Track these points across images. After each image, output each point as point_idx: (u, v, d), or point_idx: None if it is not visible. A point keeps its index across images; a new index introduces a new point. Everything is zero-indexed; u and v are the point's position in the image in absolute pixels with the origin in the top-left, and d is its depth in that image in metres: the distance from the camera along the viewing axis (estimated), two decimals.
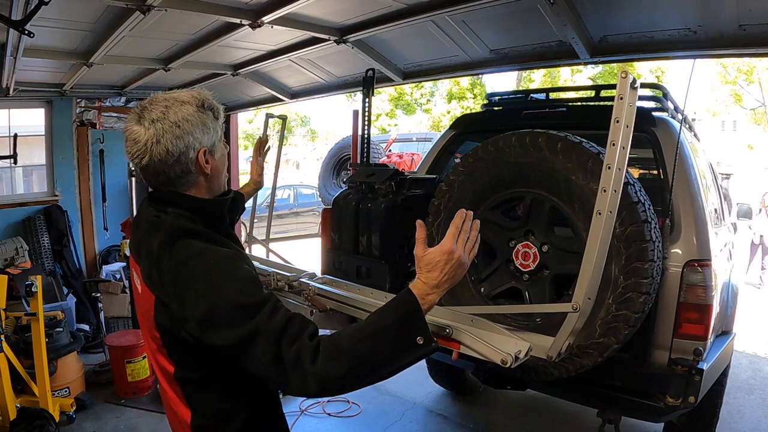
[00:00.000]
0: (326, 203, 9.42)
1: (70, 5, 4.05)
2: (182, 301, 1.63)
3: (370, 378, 1.63)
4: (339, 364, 1.55)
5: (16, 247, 7.24)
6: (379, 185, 3.83)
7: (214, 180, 1.86)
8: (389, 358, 1.61)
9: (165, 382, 1.86)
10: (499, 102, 5.16)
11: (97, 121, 8.64)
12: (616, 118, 2.00)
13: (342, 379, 1.56)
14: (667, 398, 3.18)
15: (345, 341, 1.59)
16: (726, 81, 26.61)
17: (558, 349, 2.24)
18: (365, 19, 4.53)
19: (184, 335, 1.66)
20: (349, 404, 5.79)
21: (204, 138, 1.77)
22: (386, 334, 1.61)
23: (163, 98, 1.76)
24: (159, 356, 1.81)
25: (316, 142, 48.45)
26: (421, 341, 1.61)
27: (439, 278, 1.68)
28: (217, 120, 1.83)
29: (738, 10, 3.46)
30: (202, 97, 1.79)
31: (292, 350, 1.55)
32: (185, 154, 1.74)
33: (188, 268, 1.65)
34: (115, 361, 5.88)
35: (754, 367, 6.89)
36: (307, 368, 1.53)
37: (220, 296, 1.61)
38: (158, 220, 1.77)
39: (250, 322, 1.58)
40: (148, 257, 1.73)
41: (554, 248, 3.12)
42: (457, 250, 1.71)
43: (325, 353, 1.55)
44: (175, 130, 1.72)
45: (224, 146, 1.91)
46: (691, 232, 3.36)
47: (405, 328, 1.62)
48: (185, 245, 1.68)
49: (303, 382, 1.55)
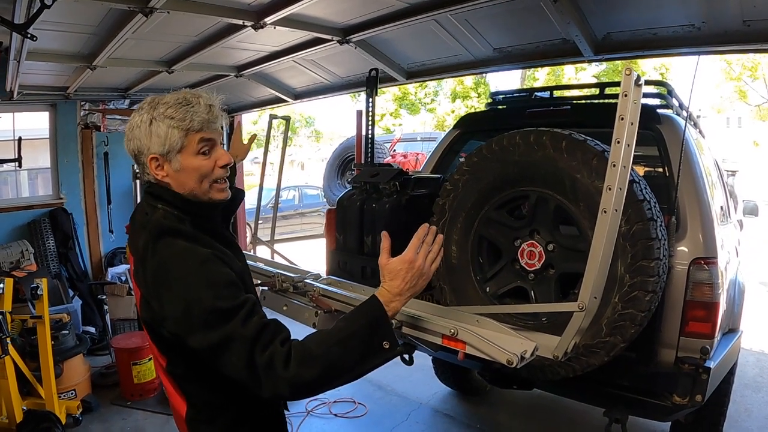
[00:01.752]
0: (331, 204, 9.41)
1: (72, 8, 4.04)
2: (161, 301, 1.70)
3: (340, 381, 1.70)
4: (310, 369, 1.61)
5: (21, 250, 7.27)
6: (384, 185, 3.82)
7: (179, 188, 1.85)
8: (357, 361, 1.69)
9: (162, 374, 1.93)
10: (503, 101, 5.16)
11: (101, 123, 8.65)
12: (620, 116, 1.99)
13: (313, 383, 1.64)
14: (674, 397, 3.17)
15: (315, 347, 1.66)
16: (731, 77, 26.54)
17: (564, 348, 2.23)
18: (368, 19, 4.53)
19: (165, 333, 1.74)
20: (356, 405, 5.80)
21: (153, 145, 1.79)
22: (354, 339, 1.69)
23: (146, 100, 1.86)
24: (153, 349, 1.91)
25: (321, 142, 48.54)
26: (387, 345, 1.70)
27: (401, 287, 1.77)
28: (184, 129, 1.80)
29: (742, 6, 3.44)
30: (172, 102, 1.81)
31: (265, 356, 1.60)
32: (138, 157, 1.84)
33: (168, 268, 1.70)
34: (121, 363, 5.88)
35: (762, 365, 6.86)
36: (279, 373, 1.59)
37: (195, 300, 1.65)
38: (146, 218, 1.83)
39: (224, 327, 1.63)
40: (135, 254, 1.81)
41: (560, 247, 3.10)
42: (417, 260, 1.80)
43: (296, 359, 1.61)
44: (128, 133, 1.85)
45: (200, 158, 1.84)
46: (697, 230, 3.35)
47: (372, 333, 1.70)
48: (167, 244, 1.73)
49: (275, 387, 1.61)
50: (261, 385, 1.62)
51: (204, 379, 1.83)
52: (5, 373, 4.45)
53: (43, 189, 8.75)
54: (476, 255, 3.46)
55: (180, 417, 1.93)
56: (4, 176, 8.58)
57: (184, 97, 1.83)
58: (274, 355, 1.60)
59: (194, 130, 1.80)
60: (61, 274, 7.77)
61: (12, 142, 6.90)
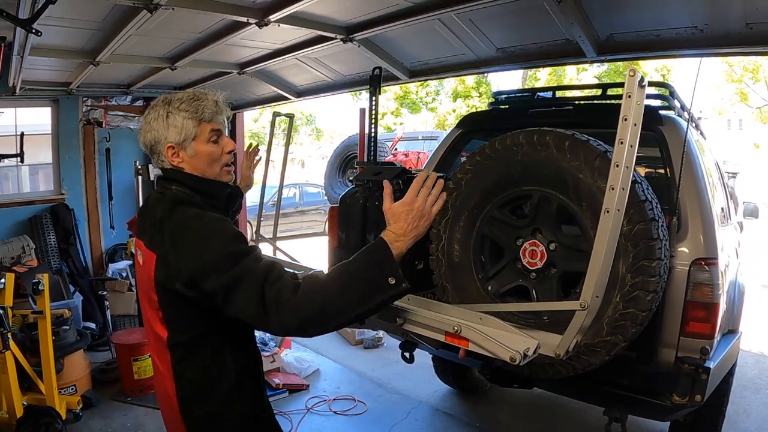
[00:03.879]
0: (332, 202, 9.42)
1: (77, 4, 4.06)
2: (178, 253, 1.89)
3: (346, 314, 1.80)
4: (315, 300, 1.75)
5: (22, 246, 7.28)
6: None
7: (193, 172, 2.11)
8: (364, 294, 1.78)
9: (157, 353, 2.09)
10: (505, 100, 5.16)
11: (103, 119, 8.65)
12: (624, 117, 2.00)
13: (317, 315, 1.76)
14: (674, 396, 3.19)
15: (323, 277, 1.82)
16: (732, 79, 26.56)
17: (566, 346, 2.24)
18: (372, 18, 4.54)
19: (178, 287, 1.87)
20: (356, 402, 5.81)
21: (170, 135, 2.06)
22: (361, 272, 1.80)
23: (160, 98, 2.13)
24: (155, 323, 2.04)
25: (322, 140, 48.52)
26: (393, 281, 1.78)
27: (404, 227, 1.87)
28: (194, 120, 2.06)
29: (745, 9, 3.45)
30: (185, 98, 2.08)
31: (274, 289, 1.75)
32: (155, 147, 2.10)
33: (185, 225, 1.93)
34: (121, 359, 5.89)
35: (761, 366, 6.89)
36: (288, 302, 1.73)
37: (209, 246, 1.86)
38: (162, 195, 2.08)
39: (235, 267, 1.80)
40: (152, 225, 2.00)
41: (561, 246, 3.11)
42: (417, 201, 1.90)
43: (303, 291, 1.75)
44: (145, 126, 2.11)
45: (211, 145, 2.11)
46: (698, 231, 3.36)
47: (377, 268, 1.80)
48: (183, 211, 1.97)
49: (282, 318, 1.74)
50: (270, 319, 1.76)
51: (205, 346, 2.01)
52: (6, 368, 4.46)
53: (44, 184, 8.77)
54: (478, 253, 3.46)
55: (170, 399, 2.05)
56: (5, 171, 8.57)
57: (194, 94, 2.10)
58: (282, 287, 1.75)
59: (205, 120, 2.08)
60: (62, 269, 7.78)
61: (14, 137, 6.89)
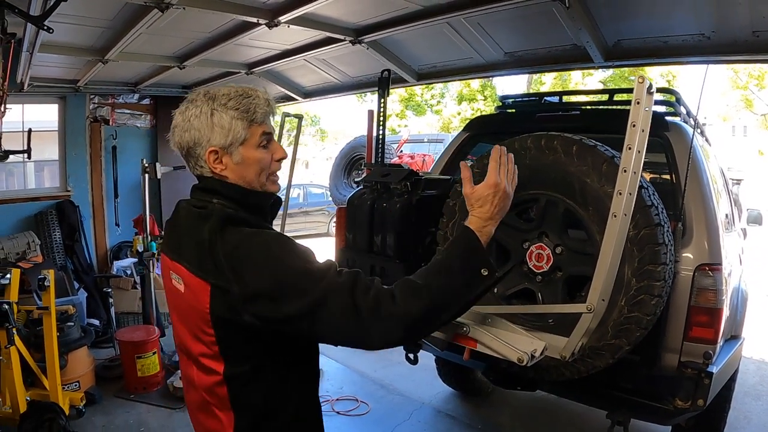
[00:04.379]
0: (337, 203, 9.44)
1: (88, 1, 4.09)
2: (245, 280, 1.59)
3: (448, 313, 1.67)
4: (418, 301, 1.58)
5: (27, 242, 7.32)
6: (395, 185, 3.83)
7: (238, 181, 1.82)
8: (461, 289, 1.65)
9: (207, 390, 1.80)
10: (513, 104, 5.18)
11: (110, 117, 8.70)
12: (632, 123, 2.02)
13: (424, 317, 1.60)
14: (677, 401, 3.20)
15: (419, 279, 1.64)
16: (737, 86, 26.48)
17: (572, 348, 2.26)
18: (381, 20, 4.57)
19: (247, 318, 1.61)
20: (358, 403, 5.82)
21: (214, 137, 1.75)
22: (455, 267, 1.66)
23: (199, 93, 1.82)
24: (205, 359, 1.77)
25: (326, 141, 48.51)
26: (486, 273, 1.65)
27: (491, 210, 1.78)
28: (248, 121, 1.78)
29: (752, 17, 3.48)
30: (233, 95, 1.78)
31: (369, 298, 1.56)
32: (193, 149, 1.79)
33: (245, 247, 1.64)
34: (125, 356, 5.91)
35: (762, 373, 6.89)
36: (389, 310, 1.55)
37: (284, 266, 1.61)
38: (204, 211, 1.75)
39: (320, 284, 1.57)
40: (197, 248, 1.69)
41: (567, 250, 3.12)
42: (501, 181, 1.81)
43: (402, 294, 1.58)
44: (183, 124, 1.78)
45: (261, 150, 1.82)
46: (702, 237, 3.37)
47: (469, 261, 1.67)
48: (236, 231, 1.67)
49: (386, 328, 1.57)
50: (370, 332, 1.58)
51: (267, 376, 1.77)
52: (10, 364, 4.48)
53: (49, 181, 8.79)
54: None
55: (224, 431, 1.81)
56: (11, 168, 8.60)
57: (243, 90, 1.81)
58: (379, 295, 1.57)
59: (257, 122, 1.79)
60: (67, 266, 7.81)
61: (21, 133, 6.92)
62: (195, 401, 1.90)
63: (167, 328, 7.18)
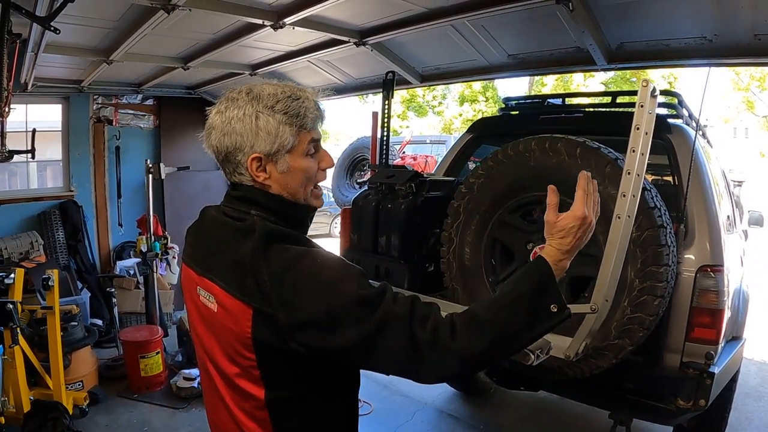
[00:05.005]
0: (339, 204, 9.43)
1: (95, 2, 4.10)
2: (294, 308, 1.46)
3: (509, 350, 1.57)
4: (480, 337, 1.47)
5: (31, 241, 7.33)
6: (400, 186, 3.86)
7: (281, 192, 1.67)
8: (527, 326, 1.53)
9: (243, 412, 1.66)
10: (516, 106, 5.21)
11: (113, 117, 8.71)
12: (636, 126, 2.03)
13: (484, 353, 1.48)
14: (678, 401, 3.23)
15: (483, 313, 1.51)
16: (739, 88, 26.42)
17: (576, 348, 2.28)
18: (386, 22, 4.58)
19: (294, 346, 1.48)
20: (361, 403, 5.78)
21: (258, 143, 1.59)
22: (522, 302, 1.53)
23: (241, 91, 1.65)
24: (242, 381, 1.62)
25: (327, 142, 48.50)
26: (555, 309, 1.53)
27: (572, 243, 1.66)
28: (297, 126, 1.62)
29: (754, 20, 3.49)
30: (281, 96, 1.62)
31: (427, 329, 1.45)
32: (233, 155, 1.62)
33: (294, 271, 1.48)
34: (128, 356, 5.93)
35: (763, 374, 6.90)
36: (448, 345, 1.44)
37: (338, 294, 1.46)
38: (243, 224, 1.60)
39: (375, 313, 1.45)
40: (236, 266, 1.55)
41: None
42: (588, 214, 1.68)
43: (463, 327, 1.47)
44: (222, 127, 1.61)
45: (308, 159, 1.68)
46: (704, 238, 3.40)
47: (539, 295, 1.55)
48: (282, 249, 1.52)
49: (443, 362, 1.46)
50: (426, 365, 1.47)
51: (311, 400, 1.64)
52: (14, 363, 4.49)
53: (52, 181, 8.79)
54: (489, 257, 3.51)
55: None
56: (14, 167, 8.60)
57: (291, 90, 1.65)
58: (439, 327, 1.46)
59: (307, 128, 1.65)
60: (70, 266, 7.81)
61: (24, 133, 6.93)
62: (224, 422, 1.74)
63: (170, 328, 7.22)
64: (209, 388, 1.79)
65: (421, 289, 3.44)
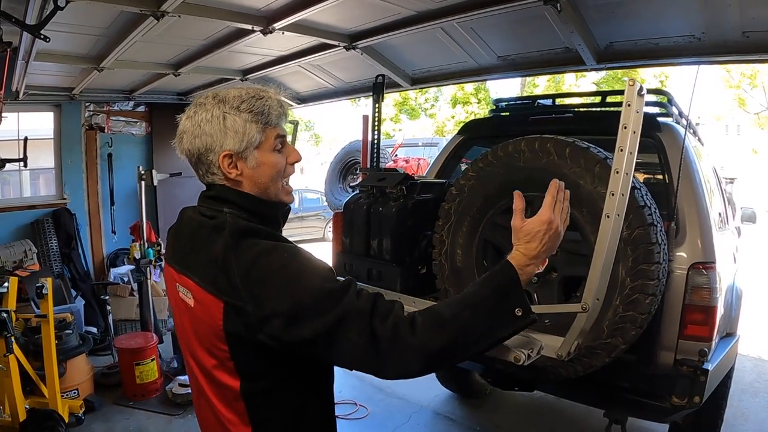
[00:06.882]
0: (333, 208, 9.45)
1: (84, 10, 4.08)
2: (260, 300, 1.51)
3: (470, 350, 1.56)
4: (440, 335, 1.50)
5: (24, 250, 7.30)
6: (391, 189, 3.85)
7: (252, 188, 1.74)
8: (489, 328, 1.55)
9: (222, 403, 1.73)
10: (506, 108, 5.21)
11: (105, 125, 8.71)
12: (623, 125, 2.03)
13: (443, 351, 1.51)
14: (673, 398, 3.22)
15: (445, 311, 1.55)
16: (730, 85, 26.46)
17: (568, 348, 2.28)
18: (375, 26, 4.60)
19: (262, 338, 1.53)
20: (357, 407, 5.84)
21: (227, 142, 1.66)
22: (486, 303, 1.55)
23: (207, 96, 1.73)
24: (219, 372, 1.68)
25: (320, 146, 48.51)
26: (520, 313, 1.55)
27: (538, 248, 1.66)
28: (263, 123, 1.70)
29: (741, 18, 3.51)
30: (245, 96, 1.70)
31: (388, 325, 1.48)
32: (205, 155, 1.69)
33: (262, 265, 1.54)
34: (123, 364, 5.92)
35: (759, 370, 6.92)
36: (408, 341, 1.47)
37: (302, 287, 1.52)
38: (216, 222, 1.67)
39: (337, 306, 1.49)
40: (209, 263, 1.61)
41: (562, 251, 3.13)
42: (554, 219, 1.70)
43: (424, 324, 1.50)
44: (192, 130, 1.70)
45: (276, 154, 1.75)
46: (696, 236, 3.40)
47: (503, 299, 1.56)
48: (252, 244, 1.57)
49: (403, 359, 1.49)
50: (386, 361, 1.50)
51: (284, 393, 1.69)
52: (9, 372, 4.47)
53: (44, 189, 8.80)
54: (481, 258, 3.51)
55: None
56: (6, 176, 8.60)
57: (255, 91, 1.72)
58: (399, 324, 1.49)
59: (272, 125, 1.72)
60: (64, 274, 7.81)
61: (16, 141, 6.92)
62: (206, 415, 1.83)
63: (165, 335, 7.20)
64: (194, 385, 1.86)
65: (413, 292, 3.44)
